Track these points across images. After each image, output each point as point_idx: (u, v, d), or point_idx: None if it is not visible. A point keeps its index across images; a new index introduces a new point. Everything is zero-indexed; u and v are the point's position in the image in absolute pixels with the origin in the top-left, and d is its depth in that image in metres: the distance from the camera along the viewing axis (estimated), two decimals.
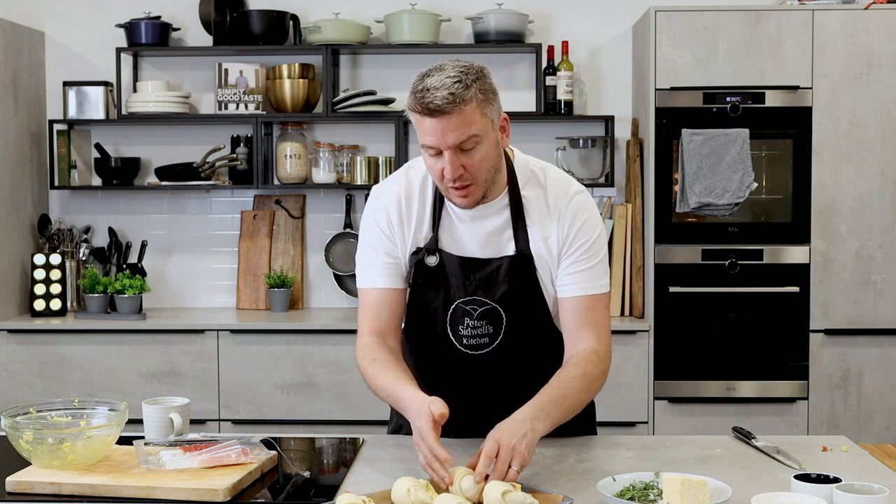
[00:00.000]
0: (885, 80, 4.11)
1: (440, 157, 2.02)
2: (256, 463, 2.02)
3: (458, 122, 1.98)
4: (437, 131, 1.99)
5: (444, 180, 2.05)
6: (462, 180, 2.03)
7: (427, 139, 2.02)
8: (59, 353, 4.23)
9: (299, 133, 4.62)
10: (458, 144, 1.99)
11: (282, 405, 4.21)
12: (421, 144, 2.06)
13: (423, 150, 2.07)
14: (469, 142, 2.00)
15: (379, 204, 2.22)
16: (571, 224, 2.15)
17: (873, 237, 4.13)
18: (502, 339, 2.19)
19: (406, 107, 2.08)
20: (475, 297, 2.17)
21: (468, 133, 1.99)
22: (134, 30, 4.53)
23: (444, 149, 2.00)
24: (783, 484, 1.92)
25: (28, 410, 2.11)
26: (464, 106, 1.98)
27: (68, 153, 4.60)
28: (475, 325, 2.18)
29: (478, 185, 2.06)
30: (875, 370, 4.16)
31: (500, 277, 2.15)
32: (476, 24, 4.47)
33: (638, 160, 4.39)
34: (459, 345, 2.20)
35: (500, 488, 1.74)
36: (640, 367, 4.15)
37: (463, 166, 2.02)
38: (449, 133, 1.98)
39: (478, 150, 2.02)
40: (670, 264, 4.17)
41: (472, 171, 2.03)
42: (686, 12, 4.12)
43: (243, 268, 4.71)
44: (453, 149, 2.00)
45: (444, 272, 2.17)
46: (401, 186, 2.22)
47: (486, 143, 2.03)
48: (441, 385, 2.19)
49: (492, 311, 2.17)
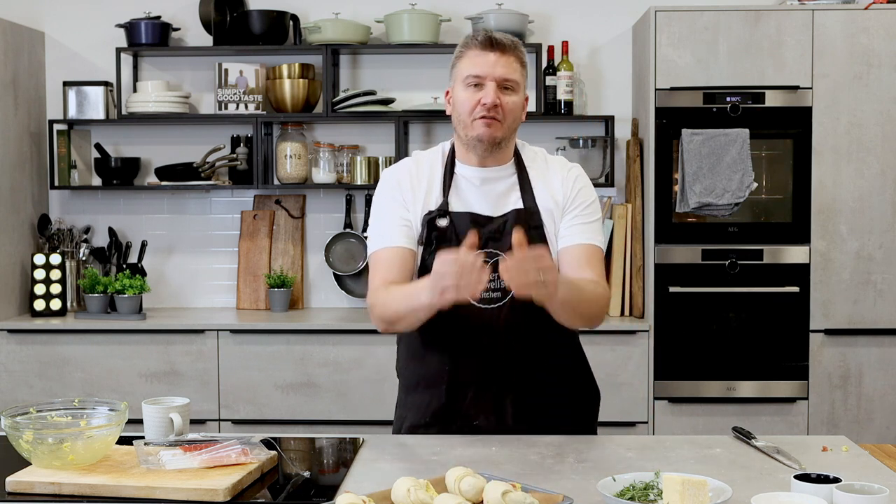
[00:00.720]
0: (885, 80, 4.11)
1: (479, 90, 2.25)
2: (256, 463, 2.02)
3: (509, 61, 2.27)
4: (490, 63, 2.25)
5: (476, 111, 2.25)
6: (494, 112, 2.24)
7: (476, 69, 2.26)
8: (59, 353, 4.23)
9: (299, 133, 4.63)
10: (504, 79, 2.25)
11: (282, 405, 4.21)
12: (463, 78, 2.27)
13: (462, 85, 2.27)
14: (510, 83, 2.26)
15: (390, 175, 2.39)
16: (574, 184, 2.35)
17: (873, 237, 4.14)
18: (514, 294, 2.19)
19: (457, 52, 2.32)
20: (486, 250, 2.25)
21: (513, 75, 2.27)
22: (134, 30, 4.53)
23: (490, 79, 2.24)
24: (783, 484, 1.92)
25: (28, 410, 2.11)
26: (517, 52, 2.29)
27: (68, 153, 4.60)
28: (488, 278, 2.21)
29: (501, 125, 2.27)
30: (875, 370, 4.16)
31: (507, 229, 2.26)
32: (476, 24, 4.47)
33: (638, 160, 4.39)
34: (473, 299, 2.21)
35: (500, 488, 1.74)
36: (640, 367, 4.15)
37: (499, 101, 2.25)
38: (499, 67, 2.25)
39: (512, 97, 2.27)
40: (670, 264, 4.17)
41: (505, 109, 2.26)
42: (686, 12, 4.12)
43: (243, 268, 4.71)
44: (498, 82, 2.25)
45: (454, 232, 2.28)
46: (410, 162, 2.42)
47: (517, 96, 2.29)
48: (456, 342, 2.27)
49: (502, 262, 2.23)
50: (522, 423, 2.30)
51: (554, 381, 2.35)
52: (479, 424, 2.30)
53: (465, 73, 2.27)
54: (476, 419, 2.31)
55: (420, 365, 2.36)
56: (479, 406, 2.30)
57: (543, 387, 2.33)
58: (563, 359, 2.38)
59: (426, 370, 2.34)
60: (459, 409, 2.31)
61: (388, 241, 2.31)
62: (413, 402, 2.37)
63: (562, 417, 2.35)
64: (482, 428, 2.30)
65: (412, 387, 2.39)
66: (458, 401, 2.31)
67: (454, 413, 2.31)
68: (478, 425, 2.30)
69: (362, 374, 4.18)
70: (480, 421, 2.30)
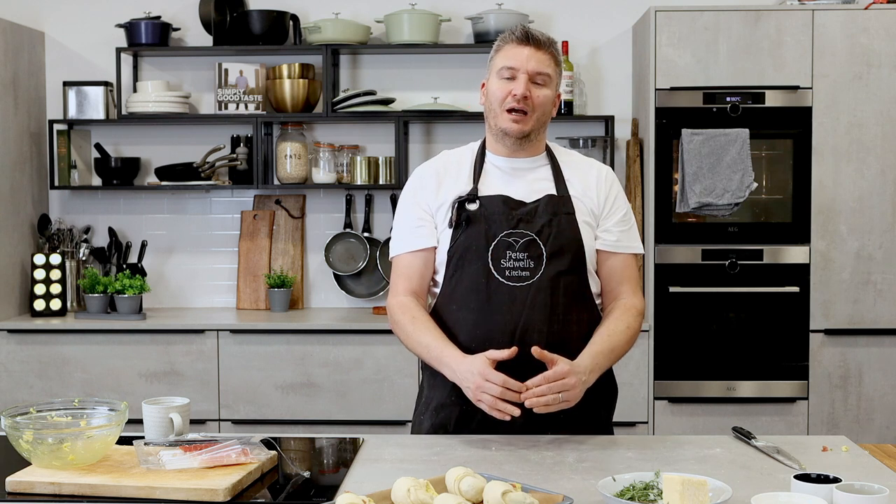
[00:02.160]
0: (885, 80, 4.11)
1: (512, 81, 2.32)
2: (256, 463, 2.02)
3: (543, 56, 2.34)
4: (524, 56, 2.32)
5: (507, 101, 2.32)
6: (524, 104, 2.31)
7: (511, 62, 2.32)
8: (59, 353, 4.23)
9: (299, 133, 4.63)
10: (536, 73, 2.32)
11: (282, 405, 4.21)
12: (497, 70, 2.34)
13: (496, 77, 2.34)
14: (542, 77, 2.33)
15: (414, 175, 2.48)
16: (612, 186, 2.42)
17: (873, 237, 4.14)
18: (542, 274, 2.30)
19: (495, 46, 2.38)
20: (516, 230, 2.31)
21: (546, 69, 2.33)
22: (134, 30, 4.53)
23: (523, 72, 2.31)
24: (783, 484, 1.92)
25: (28, 410, 2.11)
26: (552, 50, 2.35)
27: (68, 153, 4.60)
28: (517, 256, 2.31)
29: (531, 118, 2.33)
30: (875, 370, 4.16)
31: (540, 211, 2.33)
32: (476, 24, 4.47)
33: (638, 160, 4.39)
34: (501, 277, 2.30)
35: (499, 488, 1.74)
36: (640, 367, 4.15)
37: (530, 93, 2.31)
38: (532, 61, 2.32)
39: (543, 91, 2.34)
40: (670, 264, 4.17)
41: (535, 102, 2.32)
42: (686, 12, 4.12)
43: (243, 268, 4.71)
44: (531, 75, 2.32)
45: (484, 215, 2.34)
46: (437, 158, 2.50)
47: (550, 90, 2.35)
48: (483, 319, 2.30)
49: (532, 242, 2.31)
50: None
51: None
52: None
53: (499, 65, 2.35)
54: None
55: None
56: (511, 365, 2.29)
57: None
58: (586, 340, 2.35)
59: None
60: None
61: (407, 245, 2.40)
62: (440, 382, 2.38)
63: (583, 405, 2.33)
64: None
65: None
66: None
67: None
68: None
69: (362, 374, 4.18)
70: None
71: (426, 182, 2.42)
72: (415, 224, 2.39)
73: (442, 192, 2.39)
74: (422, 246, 2.38)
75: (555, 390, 2.13)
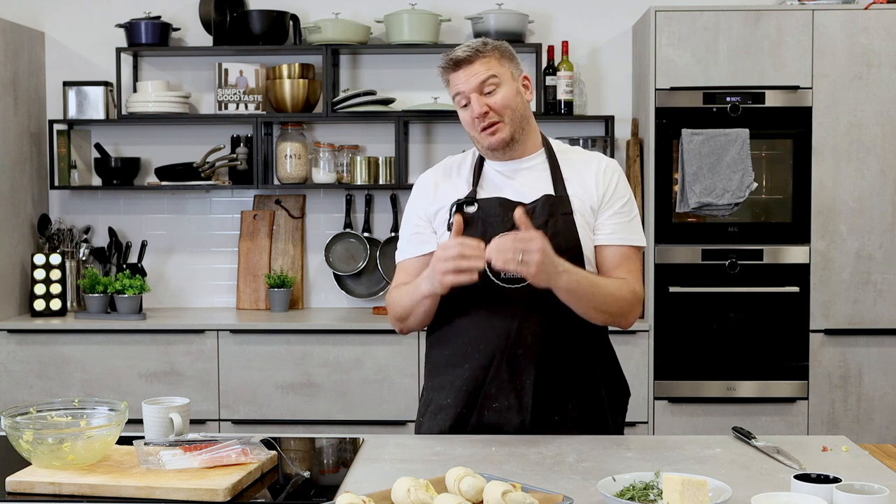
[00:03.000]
0: (885, 80, 4.11)
1: (468, 105, 2.31)
2: (256, 463, 2.02)
3: (479, 67, 2.29)
4: (462, 80, 2.30)
5: (475, 125, 2.31)
6: (488, 118, 2.29)
7: (457, 89, 2.32)
8: (59, 353, 4.23)
9: (299, 133, 4.63)
10: (480, 85, 2.28)
11: (282, 405, 4.21)
12: (454, 99, 2.34)
13: (457, 106, 2.34)
14: (489, 83, 2.29)
15: (417, 183, 2.49)
16: (611, 179, 2.36)
17: (873, 237, 4.14)
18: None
19: (440, 76, 2.36)
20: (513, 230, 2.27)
21: (486, 74, 2.29)
22: (134, 30, 4.53)
23: (469, 93, 2.29)
24: (783, 484, 1.92)
25: (28, 410, 2.11)
26: (481, 56, 2.30)
27: (68, 153, 4.60)
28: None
29: (504, 124, 2.31)
30: (875, 370, 4.16)
31: (537, 212, 2.30)
32: (476, 24, 4.47)
33: (638, 160, 4.39)
34: (497, 279, 2.28)
35: (499, 488, 1.74)
36: (640, 367, 4.15)
37: (487, 105, 2.28)
38: (472, 79, 2.29)
39: (498, 92, 2.30)
40: (670, 264, 4.17)
41: (496, 108, 2.29)
42: (686, 12, 4.12)
43: (243, 268, 4.71)
44: (477, 91, 2.29)
45: (482, 217, 2.33)
46: (441, 163, 2.50)
47: (506, 87, 2.30)
48: (479, 321, 2.31)
49: None
50: (542, 407, 2.29)
51: (577, 368, 2.34)
52: (498, 407, 2.31)
53: (453, 96, 2.35)
54: (496, 400, 2.31)
55: (446, 346, 2.39)
56: (499, 385, 2.30)
57: (565, 371, 2.32)
58: (588, 346, 2.36)
59: (451, 351, 2.37)
60: (480, 387, 2.32)
61: (407, 252, 2.43)
62: (438, 384, 2.39)
63: (585, 408, 2.33)
64: (501, 411, 2.30)
65: (439, 368, 2.41)
66: (479, 379, 2.32)
67: (475, 392, 2.32)
68: (497, 407, 2.31)
69: (362, 374, 4.18)
70: (500, 402, 2.30)
71: (423, 190, 2.44)
72: (412, 231, 2.42)
73: (439, 197, 2.39)
74: (420, 252, 2.39)
75: (518, 246, 2.10)
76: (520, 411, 2.29)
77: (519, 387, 2.29)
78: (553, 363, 2.30)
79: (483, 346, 2.29)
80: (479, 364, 2.31)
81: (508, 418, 2.30)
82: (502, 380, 2.30)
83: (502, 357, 2.29)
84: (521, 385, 2.29)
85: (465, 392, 2.33)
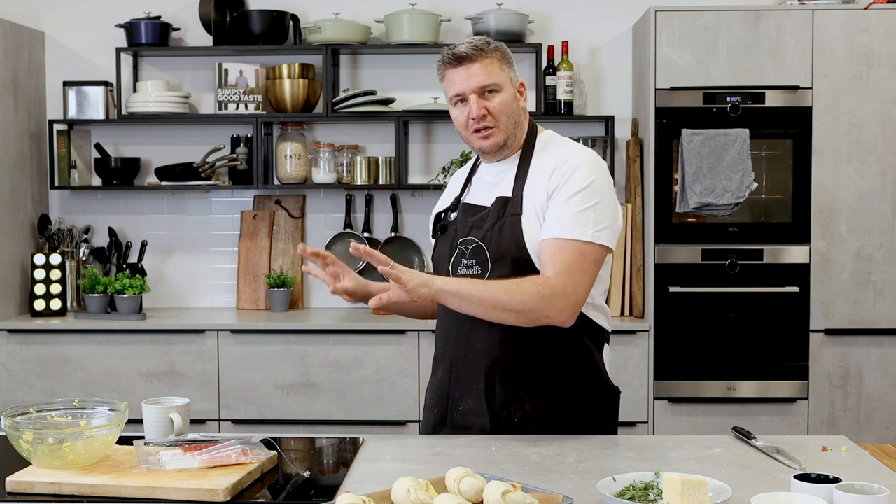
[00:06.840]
0: (885, 80, 4.11)
1: (465, 105, 2.29)
2: (256, 463, 2.02)
3: (480, 68, 2.28)
4: (463, 77, 2.28)
5: (469, 125, 2.30)
6: (485, 121, 2.28)
7: (455, 87, 2.30)
8: (59, 353, 4.23)
9: (299, 133, 4.63)
10: (481, 88, 2.27)
11: (282, 405, 4.21)
12: (449, 98, 2.33)
13: (451, 104, 2.33)
14: (489, 86, 2.28)
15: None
16: (565, 173, 2.26)
17: (873, 237, 4.14)
18: (489, 278, 2.27)
19: (438, 72, 2.34)
20: (468, 237, 2.33)
21: (489, 80, 2.27)
22: (134, 30, 4.53)
23: (469, 93, 2.27)
24: (783, 484, 1.92)
25: (28, 410, 2.11)
26: (485, 56, 2.28)
27: (68, 153, 4.60)
28: (468, 263, 2.33)
29: (499, 129, 2.30)
30: (875, 370, 4.16)
31: (490, 216, 2.32)
32: (476, 24, 4.47)
33: (638, 160, 4.39)
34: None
35: (499, 488, 1.74)
36: (640, 367, 4.15)
37: (486, 108, 2.28)
38: (472, 78, 2.27)
39: (497, 97, 2.29)
40: (670, 264, 4.17)
41: (493, 113, 2.28)
42: (686, 12, 4.12)
43: (243, 268, 4.71)
44: (477, 92, 2.27)
45: (454, 224, 2.39)
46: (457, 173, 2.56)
47: (504, 94, 2.30)
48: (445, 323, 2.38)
49: (478, 248, 2.31)
50: (500, 409, 2.29)
51: (532, 370, 2.30)
52: (463, 410, 2.33)
53: (449, 94, 2.33)
54: (461, 403, 2.34)
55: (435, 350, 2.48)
56: (461, 389, 2.33)
57: (519, 374, 2.29)
58: (548, 348, 2.31)
59: (434, 354, 2.46)
60: (447, 390, 2.37)
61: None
62: (429, 384, 2.48)
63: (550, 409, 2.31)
64: (466, 413, 2.32)
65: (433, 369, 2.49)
66: (446, 383, 2.37)
67: (446, 395, 2.37)
68: (462, 410, 2.33)
69: (362, 374, 4.18)
70: (464, 405, 2.33)
71: (445, 198, 2.51)
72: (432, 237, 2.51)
73: (445, 198, 2.50)
74: None
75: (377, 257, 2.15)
76: (480, 414, 2.32)
77: (476, 390, 2.32)
78: (505, 366, 2.30)
79: (444, 351, 2.38)
80: (445, 367, 2.38)
81: (472, 420, 2.33)
82: (463, 383, 2.34)
83: (458, 361, 2.34)
84: (478, 388, 2.32)
85: (440, 394, 2.39)
